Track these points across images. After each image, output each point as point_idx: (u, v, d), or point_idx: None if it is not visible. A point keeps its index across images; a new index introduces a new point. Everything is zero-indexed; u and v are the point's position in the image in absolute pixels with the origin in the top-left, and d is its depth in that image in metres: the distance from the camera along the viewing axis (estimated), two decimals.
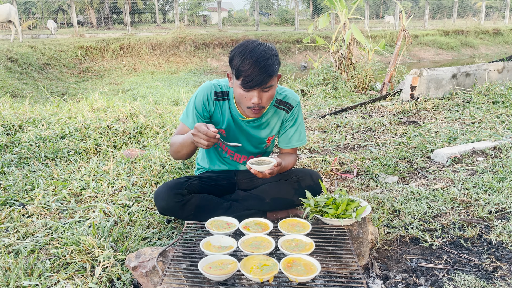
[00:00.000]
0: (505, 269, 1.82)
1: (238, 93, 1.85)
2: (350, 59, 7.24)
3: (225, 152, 2.22)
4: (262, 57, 1.76)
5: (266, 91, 1.84)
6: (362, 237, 1.84)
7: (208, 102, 2.05)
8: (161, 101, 6.39)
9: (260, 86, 1.79)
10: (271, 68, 1.78)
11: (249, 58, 1.75)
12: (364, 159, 3.32)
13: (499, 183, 2.67)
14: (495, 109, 4.73)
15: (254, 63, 1.74)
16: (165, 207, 1.96)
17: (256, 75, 1.75)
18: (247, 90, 1.81)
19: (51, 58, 12.77)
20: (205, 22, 34.09)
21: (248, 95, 1.83)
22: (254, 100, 1.83)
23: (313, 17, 35.87)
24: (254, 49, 1.78)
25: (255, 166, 1.83)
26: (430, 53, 18.73)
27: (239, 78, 1.80)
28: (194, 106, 2.05)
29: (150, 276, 1.57)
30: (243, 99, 1.86)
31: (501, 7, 31.36)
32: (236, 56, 1.80)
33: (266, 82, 1.79)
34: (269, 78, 1.79)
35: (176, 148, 1.99)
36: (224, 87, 2.07)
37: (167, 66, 14.40)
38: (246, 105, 1.87)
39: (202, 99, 2.05)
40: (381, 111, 5.17)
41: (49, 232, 2.14)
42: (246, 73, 1.75)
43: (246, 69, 1.75)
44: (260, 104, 1.85)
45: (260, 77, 1.76)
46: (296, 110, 2.16)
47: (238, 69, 1.78)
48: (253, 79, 1.76)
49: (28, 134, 3.51)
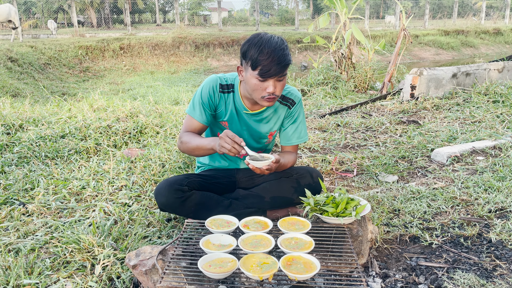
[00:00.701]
0: (504, 267, 1.82)
1: (253, 83, 1.88)
2: (350, 59, 7.24)
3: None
4: (278, 47, 1.82)
5: (280, 80, 1.89)
6: (362, 235, 1.84)
7: (214, 94, 2.06)
8: (161, 101, 6.39)
9: (277, 75, 1.84)
10: (288, 57, 1.85)
11: (267, 48, 1.80)
12: (364, 158, 3.32)
13: (499, 182, 2.67)
14: (495, 108, 4.73)
15: (272, 52, 1.80)
16: (165, 203, 1.96)
17: (274, 64, 1.81)
18: (263, 79, 1.85)
19: (51, 58, 12.77)
20: (205, 22, 34.10)
21: (264, 85, 1.87)
22: (269, 89, 1.87)
23: (313, 17, 35.86)
24: (270, 40, 1.83)
25: (253, 162, 1.84)
26: (431, 53, 18.72)
27: (256, 69, 1.83)
28: (201, 98, 2.06)
29: (150, 274, 1.57)
30: (258, 89, 1.89)
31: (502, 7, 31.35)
32: (252, 48, 1.83)
33: (283, 71, 1.85)
34: (286, 67, 1.86)
35: (191, 147, 2.01)
36: (229, 80, 2.09)
37: (167, 66, 14.40)
38: (261, 95, 1.90)
39: (208, 91, 2.06)
40: (381, 110, 5.17)
41: (49, 231, 2.14)
42: (265, 63, 1.80)
43: (264, 58, 1.80)
44: (275, 93, 1.89)
45: (278, 67, 1.82)
46: (298, 106, 2.18)
47: (256, 59, 1.81)
48: (271, 68, 1.81)
49: (29, 134, 3.51)
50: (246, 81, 1.92)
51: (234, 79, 2.10)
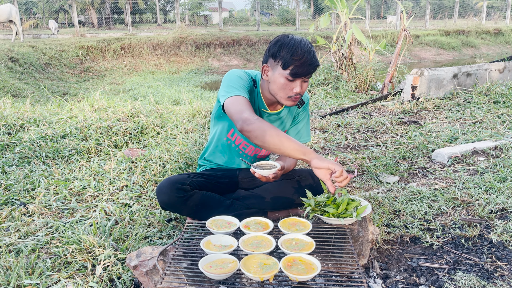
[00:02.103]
0: (505, 268, 1.82)
1: (282, 83, 1.91)
2: (351, 59, 7.24)
3: (237, 145, 2.21)
4: (310, 49, 1.88)
5: (306, 81, 1.94)
6: (363, 236, 1.84)
7: (250, 83, 2.05)
8: (162, 101, 6.39)
9: (307, 75, 1.89)
10: (317, 60, 1.91)
11: (300, 49, 1.85)
12: (364, 159, 3.32)
13: (500, 183, 2.67)
14: (496, 109, 4.72)
15: (305, 53, 1.85)
16: (166, 202, 1.96)
17: (307, 65, 1.85)
18: (293, 79, 1.88)
19: (52, 58, 12.78)
20: (206, 22, 34.10)
21: (292, 85, 1.91)
22: (297, 89, 1.91)
23: (314, 17, 35.86)
24: (301, 41, 1.89)
25: (259, 170, 1.85)
26: (431, 53, 18.71)
27: (287, 68, 1.87)
28: (243, 80, 1.98)
29: (151, 275, 1.57)
30: (285, 88, 1.92)
31: (502, 7, 31.31)
32: (284, 48, 1.87)
33: (312, 72, 1.91)
34: (315, 68, 1.91)
35: (272, 143, 1.71)
36: (252, 76, 2.11)
37: (168, 66, 14.41)
38: (288, 94, 1.93)
39: (246, 78, 2.03)
40: (382, 111, 5.16)
41: (50, 231, 2.14)
42: (297, 63, 1.84)
43: (297, 59, 1.84)
44: (300, 93, 1.94)
45: (310, 67, 1.87)
46: (306, 107, 2.24)
47: (289, 59, 1.85)
48: (304, 69, 1.86)
49: (29, 134, 3.51)
50: (273, 80, 1.94)
51: (255, 75, 2.12)
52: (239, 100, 1.84)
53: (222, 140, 2.21)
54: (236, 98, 1.85)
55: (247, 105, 1.82)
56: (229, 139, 2.20)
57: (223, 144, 2.22)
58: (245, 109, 1.79)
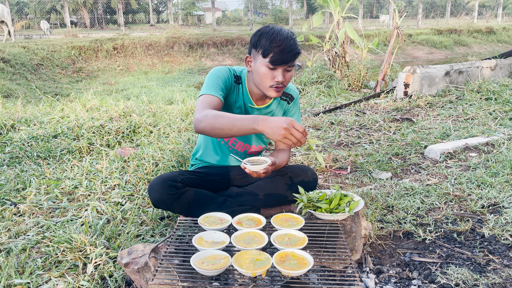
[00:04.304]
0: (497, 262, 1.83)
1: (263, 72, 1.90)
2: (344, 58, 7.25)
3: (226, 141, 2.20)
4: (290, 37, 1.87)
5: (289, 71, 1.92)
6: (356, 231, 1.84)
7: (230, 79, 2.04)
8: (155, 100, 6.35)
9: (288, 63, 1.88)
10: (298, 47, 1.90)
11: (279, 36, 1.85)
12: (358, 156, 3.33)
13: (492, 178, 2.68)
14: (487, 105, 4.75)
15: (284, 40, 1.85)
16: (158, 200, 1.94)
17: (286, 52, 1.84)
18: (273, 67, 1.87)
19: (44, 58, 12.68)
20: (199, 22, 34.03)
21: (273, 74, 1.89)
22: (278, 78, 1.89)
23: (307, 16, 35.89)
24: (281, 30, 1.89)
25: (249, 166, 1.83)
26: (424, 52, 18.80)
27: (267, 56, 1.86)
28: (219, 78, 1.98)
29: (142, 272, 1.56)
30: (266, 78, 1.91)
31: (494, 5, 31.57)
32: (264, 36, 1.88)
33: (293, 60, 1.89)
34: (296, 56, 1.89)
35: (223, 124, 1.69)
36: (237, 72, 2.10)
37: (161, 66, 14.35)
38: (269, 84, 1.92)
39: (224, 74, 2.01)
40: (374, 108, 5.18)
41: (41, 230, 2.12)
42: (276, 50, 1.84)
43: (277, 45, 1.84)
44: (283, 82, 1.92)
45: (289, 54, 1.85)
46: (296, 102, 2.23)
47: (268, 46, 1.85)
48: (283, 56, 1.84)
49: (20, 134, 3.48)
50: (255, 70, 1.93)
51: (241, 71, 2.10)
52: (202, 99, 1.87)
53: (212, 138, 2.21)
54: (201, 98, 1.89)
55: (206, 104, 1.83)
56: (222, 139, 2.20)
57: (213, 142, 2.22)
58: (201, 108, 1.80)
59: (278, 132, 1.57)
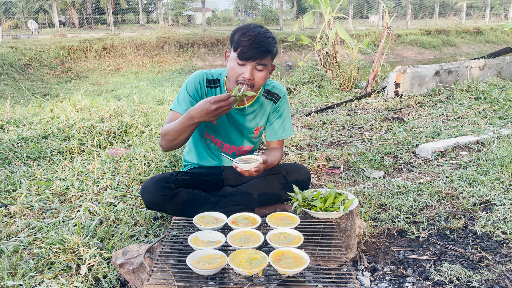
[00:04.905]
0: (490, 258, 1.85)
1: (231, 66, 1.89)
2: (335, 58, 7.29)
3: (214, 144, 2.20)
4: (262, 34, 1.86)
5: (259, 70, 1.89)
6: (350, 230, 1.84)
7: (201, 88, 2.05)
8: (146, 101, 6.31)
9: (255, 60, 1.84)
10: (269, 45, 1.86)
11: (251, 32, 1.85)
12: (350, 155, 3.34)
13: (483, 176, 2.71)
14: (477, 105, 4.81)
15: (255, 36, 1.83)
16: (151, 201, 1.93)
17: (253, 47, 1.82)
18: (242, 62, 1.85)
19: (32, 58, 12.52)
20: (189, 22, 33.90)
21: (241, 69, 1.87)
22: (245, 74, 1.87)
23: (298, 16, 35.96)
24: (256, 27, 1.89)
25: (241, 164, 1.82)
26: (413, 52, 18.96)
27: (237, 50, 1.85)
28: (187, 92, 2.04)
29: (138, 272, 1.55)
30: (234, 72, 1.89)
31: (482, 6, 31.97)
32: (239, 31, 1.88)
33: (261, 57, 1.85)
34: (265, 54, 1.85)
35: (172, 135, 1.89)
36: (215, 75, 2.09)
37: (152, 66, 14.26)
38: (236, 78, 1.90)
39: (194, 85, 2.05)
40: (366, 108, 5.21)
41: (33, 232, 2.09)
42: (245, 43, 1.83)
43: (245, 39, 1.83)
44: (251, 80, 1.88)
45: (257, 50, 1.83)
46: (283, 101, 2.19)
47: (238, 40, 1.85)
48: (249, 50, 1.82)
49: (10, 135, 3.43)
50: (228, 64, 1.94)
51: (219, 74, 2.09)
52: (169, 117, 2.03)
53: (201, 141, 2.23)
54: (170, 114, 2.04)
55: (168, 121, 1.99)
56: (207, 139, 2.21)
57: (203, 144, 2.23)
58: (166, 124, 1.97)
59: (206, 110, 1.73)
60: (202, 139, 2.21)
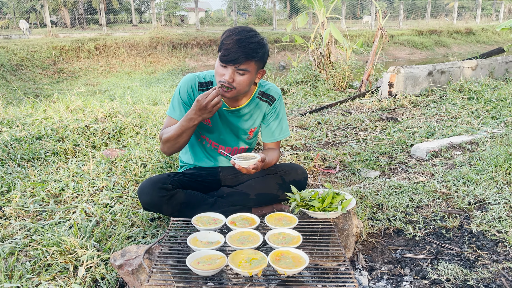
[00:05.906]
0: (486, 257, 1.87)
1: (216, 67, 1.92)
2: (329, 58, 7.31)
3: (210, 145, 2.20)
4: (247, 38, 1.83)
5: (240, 74, 1.87)
6: (348, 229, 1.85)
7: (193, 92, 2.05)
8: (139, 101, 6.28)
9: (234, 64, 1.83)
10: (252, 51, 1.83)
11: (235, 35, 1.83)
12: (345, 155, 3.36)
13: (477, 175, 2.74)
14: (470, 105, 4.85)
15: (237, 40, 1.82)
16: (149, 202, 1.93)
17: (234, 50, 1.81)
18: (223, 64, 1.86)
19: (23, 58, 12.41)
20: (182, 22, 33.79)
21: (223, 71, 1.88)
22: (226, 76, 1.87)
23: (291, 17, 36.02)
24: (244, 31, 1.86)
25: (239, 161, 1.83)
26: (405, 52, 19.08)
27: (220, 51, 1.87)
28: (180, 97, 2.05)
29: (137, 274, 1.54)
30: (217, 73, 1.91)
31: (473, 7, 32.23)
32: (225, 33, 1.88)
33: (240, 62, 1.83)
34: (245, 58, 1.83)
35: (174, 140, 1.94)
36: (207, 77, 2.09)
37: (145, 66, 14.21)
38: (218, 79, 1.91)
39: (186, 89, 2.05)
40: (360, 108, 5.23)
41: (28, 234, 2.08)
42: (226, 46, 1.82)
43: (228, 42, 1.82)
44: (232, 83, 1.88)
45: (237, 54, 1.81)
46: (278, 102, 2.19)
47: (221, 42, 1.85)
48: (230, 53, 1.81)
49: (3, 136, 3.40)
50: (215, 64, 1.95)
51: (212, 76, 2.09)
52: (166, 122, 2.07)
53: (197, 142, 2.23)
54: (166, 119, 2.08)
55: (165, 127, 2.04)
56: (203, 140, 2.20)
57: (200, 145, 2.23)
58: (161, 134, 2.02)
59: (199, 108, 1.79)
60: (198, 140, 2.21)
